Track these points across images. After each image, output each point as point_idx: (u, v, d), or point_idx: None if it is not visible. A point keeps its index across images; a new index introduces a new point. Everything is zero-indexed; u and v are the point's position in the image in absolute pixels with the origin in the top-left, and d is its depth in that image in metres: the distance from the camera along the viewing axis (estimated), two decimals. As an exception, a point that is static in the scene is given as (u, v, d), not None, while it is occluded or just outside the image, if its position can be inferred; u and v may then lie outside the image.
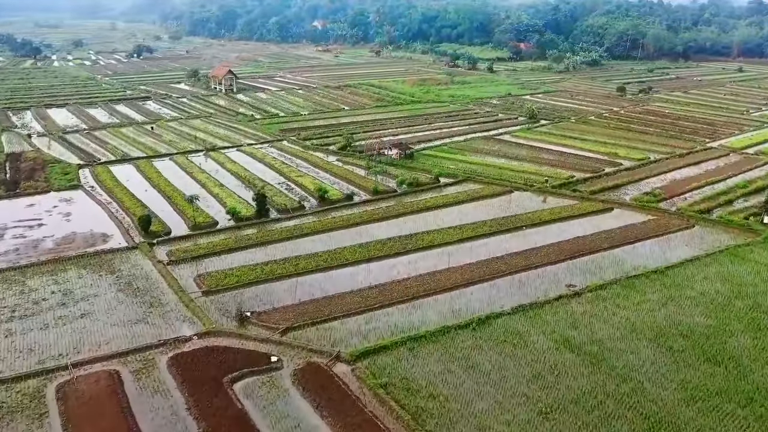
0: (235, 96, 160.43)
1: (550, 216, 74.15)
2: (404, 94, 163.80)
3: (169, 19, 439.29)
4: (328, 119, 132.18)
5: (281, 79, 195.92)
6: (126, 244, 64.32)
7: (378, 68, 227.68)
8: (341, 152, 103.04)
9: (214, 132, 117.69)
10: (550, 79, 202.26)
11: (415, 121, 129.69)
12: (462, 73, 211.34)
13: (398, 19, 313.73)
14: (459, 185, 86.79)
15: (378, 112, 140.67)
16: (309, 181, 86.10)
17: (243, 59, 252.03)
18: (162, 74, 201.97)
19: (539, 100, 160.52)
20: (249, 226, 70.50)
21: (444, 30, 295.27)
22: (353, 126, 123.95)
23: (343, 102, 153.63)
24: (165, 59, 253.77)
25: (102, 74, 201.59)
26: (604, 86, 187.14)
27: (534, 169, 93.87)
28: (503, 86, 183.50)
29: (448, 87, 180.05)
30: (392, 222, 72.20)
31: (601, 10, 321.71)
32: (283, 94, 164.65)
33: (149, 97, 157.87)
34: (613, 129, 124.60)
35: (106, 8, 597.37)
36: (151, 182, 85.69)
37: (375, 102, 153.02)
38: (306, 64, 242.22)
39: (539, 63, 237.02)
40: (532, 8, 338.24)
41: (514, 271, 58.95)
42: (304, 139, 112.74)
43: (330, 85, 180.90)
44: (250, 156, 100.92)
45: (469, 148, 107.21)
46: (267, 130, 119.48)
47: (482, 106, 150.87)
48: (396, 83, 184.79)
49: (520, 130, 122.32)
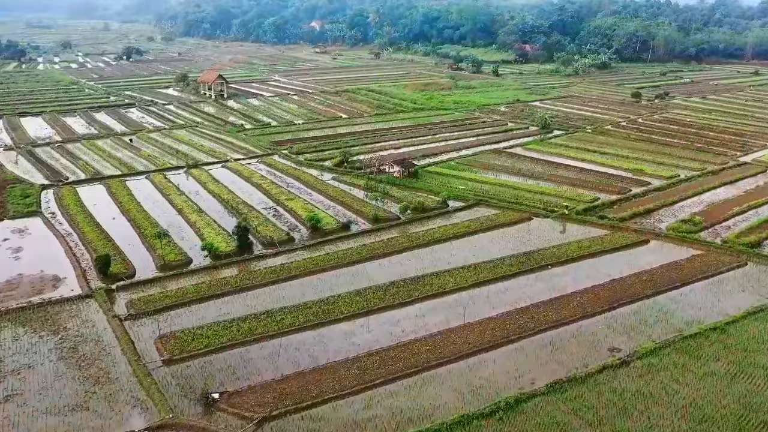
0: (225, 103, 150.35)
1: (578, 250, 64.04)
2: (406, 101, 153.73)
3: (163, 20, 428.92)
4: (323, 129, 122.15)
5: (276, 83, 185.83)
6: (80, 291, 54.14)
7: (378, 71, 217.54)
8: (337, 169, 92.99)
9: (198, 145, 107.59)
10: (559, 83, 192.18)
11: (418, 132, 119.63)
12: (466, 77, 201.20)
13: (398, 19, 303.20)
14: (470, 210, 76.66)
15: (378, 121, 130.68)
16: (300, 205, 76.04)
17: (237, 62, 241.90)
18: (150, 78, 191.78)
19: (550, 107, 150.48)
20: (228, 264, 60.43)
21: (446, 31, 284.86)
22: (351, 137, 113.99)
23: (340, 109, 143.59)
24: (156, 62, 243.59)
25: (87, 78, 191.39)
26: (617, 91, 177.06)
27: (553, 189, 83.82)
28: (510, 91, 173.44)
29: (452, 92, 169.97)
30: (395, 259, 62.09)
31: (608, 11, 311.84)
32: (276, 101, 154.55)
33: (133, 104, 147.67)
34: (634, 140, 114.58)
35: (102, 8, 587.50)
36: (121, 207, 75.53)
37: (375, 109, 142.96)
38: (302, 67, 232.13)
39: (546, 66, 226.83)
40: (536, 8, 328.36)
41: (544, 328, 48.83)
42: (297, 153, 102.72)
43: (327, 90, 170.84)
44: (236, 174, 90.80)
45: (478, 163, 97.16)
46: (257, 143, 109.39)
47: (489, 113, 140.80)
48: (397, 88, 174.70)
49: (533, 142, 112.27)
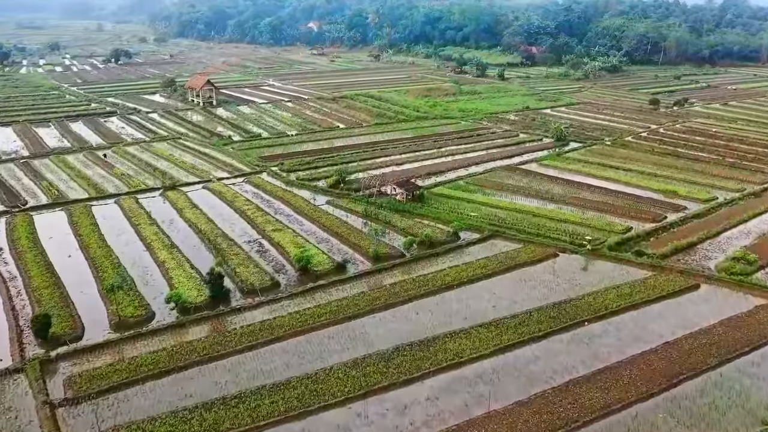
0: (213, 111, 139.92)
1: (618, 300, 53.67)
2: (408, 108, 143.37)
3: (157, 20, 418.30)
4: (318, 141, 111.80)
5: (269, 88, 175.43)
6: (10, 361, 43.87)
7: (377, 75, 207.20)
8: (332, 191, 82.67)
9: (179, 161, 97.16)
10: (569, 88, 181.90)
11: (422, 145, 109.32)
12: (470, 81, 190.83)
13: (399, 20, 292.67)
14: (485, 243, 66.36)
15: (378, 132, 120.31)
16: (289, 238, 65.73)
17: (230, 65, 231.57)
18: (137, 83, 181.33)
19: (562, 115, 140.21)
20: (198, 320, 50.14)
21: (448, 32, 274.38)
22: (348, 151, 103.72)
23: (337, 118, 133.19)
24: (145, 64, 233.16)
25: (70, 83, 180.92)
26: (631, 97, 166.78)
27: (577, 216, 73.53)
28: (518, 97, 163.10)
29: (457, 98, 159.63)
30: (400, 312, 51.79)
31: (615, 11, 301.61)
32: (269, 108, 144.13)
33: (115, 111, 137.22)
34: (659, 154, 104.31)
35: (97, 8, 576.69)
36: (80, 241, 65.17)
37: (374, 118, 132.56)
38: (298, 70, 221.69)
39: (554, 69, 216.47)
40: (540, 8, 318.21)
41: (589, 419, 38.53)
42: (288, 170, 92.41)
43: (323, 96, 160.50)
44: (219, 196, 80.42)
45: (490, 183, 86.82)
46: (244, 158, 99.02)
47: (498, 122, 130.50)
48: (398, 94, 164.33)
49: (549, 157, 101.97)
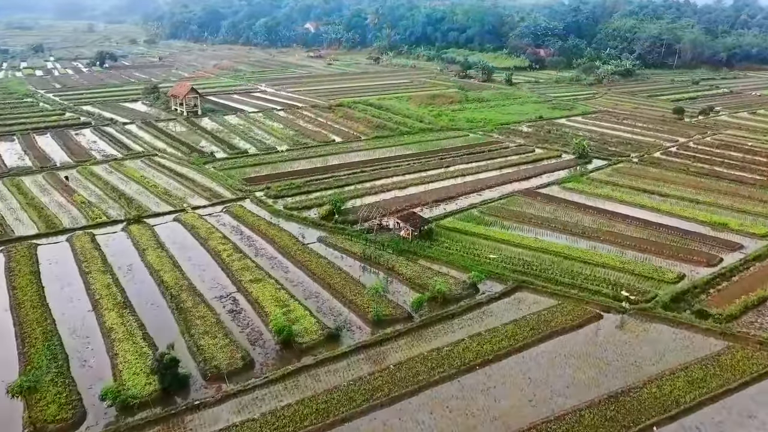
0: (198, 121, 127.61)
1: (688, 387, 41.56)
2: (410, 118, 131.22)
3: (149, 21, 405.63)
4: (311, 159, 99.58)
5: (261, 95, 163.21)
6: None
7: (377, 79, 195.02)
8: (325, 224, 70.60)
9: (151, 184, 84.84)
10: (582, 94, 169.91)
11: (427, 163, 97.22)
12: (476, 86, 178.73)
13: (399, 21, 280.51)
14: (510, 298, 54.31)
15: (378, 147, 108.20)
16: (270, 292, 53.61)
17: (221, 68, 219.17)
18: (120, 89, 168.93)
19: (579, 125, 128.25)
20: (140, 426, 37.97)
21: (451, 33, 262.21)
22: (344, 171, 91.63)
23: (333, 130, 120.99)
24: (132, 68, 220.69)
25: (48, 88, 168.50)
26: (651, 104, 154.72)
27: (616, 257, 61.55)
28: (529, 105, 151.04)
29: (463, 106, 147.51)
30: (407, 409, 39.65)
31: (623, 11, 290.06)
32: (259, 118, 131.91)
33: (89, 123, 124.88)
34: (696, 175, 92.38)
35: (89, 8, 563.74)
36: (12, 296, 52.90)
37: (374, 130, 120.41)
38: (293, 74, 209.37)
39: (565, 73, 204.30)
40: (546, 9, 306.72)
41: None
42: (276, 196, 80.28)
43: (319, 103, 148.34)
44: (191, 231, 68.24)
45: (508, 212, 74.78)
46: (226, 180, 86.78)
47: (510, 135, 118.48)
48: (399, 101, 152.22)
49: (572, 179, 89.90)
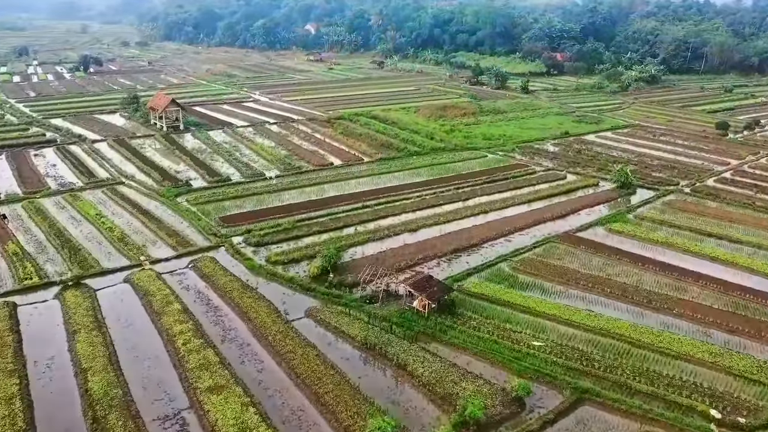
0: (178, 138, 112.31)
1: None
2: (419, 134, 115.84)
3: (144, 21, 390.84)
4: (304, 189, 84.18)
5: (254, 105, 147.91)
6: None
7: (381, 86, 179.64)
8: (317, 287, 55.35)
9: (107, 225, 69.47)
10: (607, 104, 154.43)
11: (441, 195, 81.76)
12: (489, 95, 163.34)
13: (404, 22, 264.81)
14: (568, 420, 38.94)
15: (383, 172, 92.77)
16: (232, 412, 38.37)
17: (214, 73, 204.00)
18: (98, 98, 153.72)
19: (611, 143, 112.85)
20: None
21: (460, 36, 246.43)
22: (343, 206, 76.38)
23: (331, 149, 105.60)
24: (118, 73, 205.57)
25: (20, 97, 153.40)
26: (686, 116, 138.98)
27: (701, 345, 46.37)
28: (551, 118, 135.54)
29: (478, 120, 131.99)
30: None
31: (641, 12, 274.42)
32: (248, 134, 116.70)
33: (55, 140, 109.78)
34: (766, 211, 76.98)
35: (85, 8, 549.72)
36: None
37: (378, 149, 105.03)
38: (291, 80, 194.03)
39: (585, 80, 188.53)
40: (559, 9, 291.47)
41: None
42: (257, 243, 65.07)
43: (317, 116, 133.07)
44: (143, 301, 52.96)
45: (547, 268, 59.48)
46: (199, 220, 71.46)
47: (534, 155, 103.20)
48: (406, 112, 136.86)
49: (617, 216, 74.47)
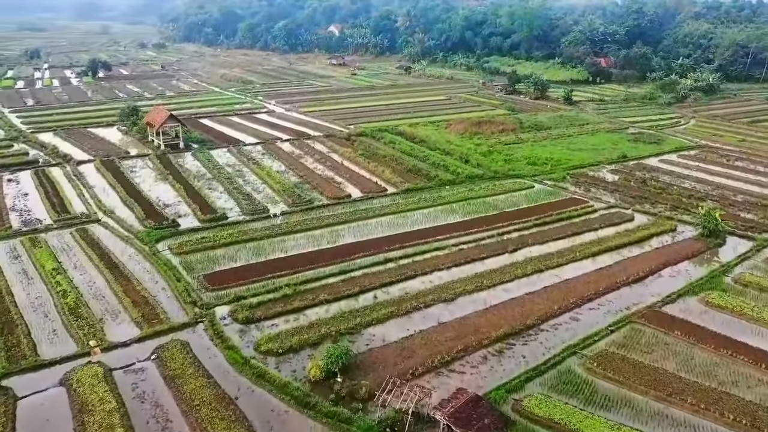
0: (175, 159, 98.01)
1: None
2: (451, 156, 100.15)
3: (164, 22, 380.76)
4: (313, 231, 68.89)
5: (266, 118, 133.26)
6: None
7: (407, 95, 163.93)
8: (318, 401, 39.95)
9: (62, 287, 54.75)
10: (663, 118, 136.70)
11: (482, 244, 65.83)
12: (528, 106, 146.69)
13: (433, 24, 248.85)
14: None
15: (409, 208, 76.99)
16: None
17: (228, 79, 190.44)
18: (98, 108, 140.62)
19: (679, 169, 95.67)
20: None
21: (493, 39, 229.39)
22: (359, 257, 60.94)
23: (349, 175, 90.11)
24: (128, 78, 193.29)
25: (17, 106, 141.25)
26: (762, 135, 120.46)
27: None
28: (602, 136, 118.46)
29: (518, 137, 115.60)
30: None
31: (688, 13, 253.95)
32: (257, 154, 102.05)
33: (36, 161, 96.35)
34: None
35: (107, 8, 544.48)
36: None
37: (404, 177, 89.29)
38: (310, 87, 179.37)
39: (635, 89, 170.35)
40: (599, 10, 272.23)
41: None
42: (246, 319, 49.98)
43: (335, 131, 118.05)
44: (75, 420, 38.05)
45: (635, 372, 43.35)
46: (177, 280, 56.56)
47: (590, 185, 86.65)
48: (436, 128, 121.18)
49: (712, 281, 57.76)
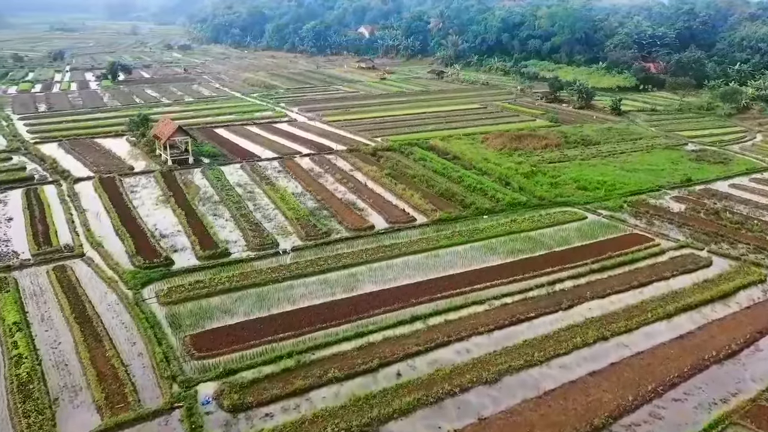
0: (182, 177, 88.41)
1: None
2: (489, 176, 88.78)
3: (193, 23, 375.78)
4: (327, 275, 58.17)
5: (287, 128, 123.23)
6: None
7: (440, 103, 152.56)
8: None
9: (18, 350, 44.64)
10: (725, 132, 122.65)
11: (529, 295, 54.18)
12: (571, 116, 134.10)
13: (468, 25, 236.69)
14: None
15: (441, 245, 65.49)
16: None
17: (252, 84, 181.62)
18: (113, 115, 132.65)
19: (757, 199, 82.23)
20: None
21: (531, 42, 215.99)
22: (381, 314, 50.02)
23: (373, 200, 79.01)
24: (148, 82, 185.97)
25: (27, 112, 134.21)
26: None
27: None
28: (659, 153, 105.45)
29: (563, 153, 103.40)
30: None
31: (742, 14, 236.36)
32: (272, 172, 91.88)
33: (31, 177, 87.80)
34: None
35: (140, 8, 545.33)
36: None
37: (435, 203, 77.88)
38: (337, 93, 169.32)
39: (691, 98, 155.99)
40: (644, 10, 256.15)
41: None
42: (235, 407, 39.33)
43: (360, 144, 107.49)
44: None
45: None
46: (158, 343, 46.30)
47: (653, 217, 74.22)
48: (471, 142, 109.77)
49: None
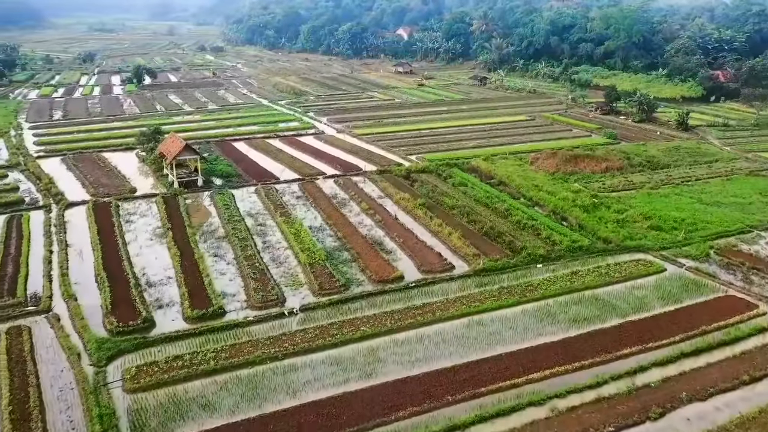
0: (185, 204, 77.66)
1: None
2: (542, 207, 75.41)
3: (229, 23, 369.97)
4: (341, 349, 45.88)
5: (313, 142, 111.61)
6: None
7: (484, 113, 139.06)
8: None
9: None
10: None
11: (606, 398, 40.78)
12: (630, 131, 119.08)
13: (513, 28, 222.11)
14: None
15: (486, 308, 52.23)
16: None
17: (280, 89, 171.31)
18: (131, 124, 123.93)
19: None
20: None
21: (583, 46, 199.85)
22: (408, 418, 37.43)
23: (404, 239, 66.30)
24: (173, 87, 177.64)
25: (41, 120, 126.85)
26: None
27: None
28: (742, 181, 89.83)
29: (627, 179, 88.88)
30: None
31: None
32: (289, 198, 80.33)
33: (21, 201, 78.42)
34: None
35: (180, 9, 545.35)
36: None
37: (478, 243, 64.54)
38: (371, 100, 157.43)
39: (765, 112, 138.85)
40: (706, 11, 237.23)
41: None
42: None
43: (392, 162, 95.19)
44: None
45: None
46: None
47: (749, 270, 59.59)
48: (519, 162, 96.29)
49: None
